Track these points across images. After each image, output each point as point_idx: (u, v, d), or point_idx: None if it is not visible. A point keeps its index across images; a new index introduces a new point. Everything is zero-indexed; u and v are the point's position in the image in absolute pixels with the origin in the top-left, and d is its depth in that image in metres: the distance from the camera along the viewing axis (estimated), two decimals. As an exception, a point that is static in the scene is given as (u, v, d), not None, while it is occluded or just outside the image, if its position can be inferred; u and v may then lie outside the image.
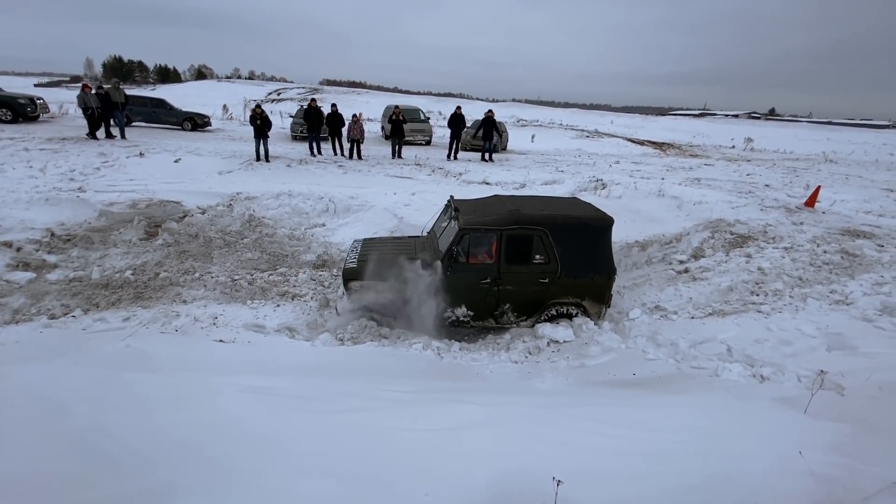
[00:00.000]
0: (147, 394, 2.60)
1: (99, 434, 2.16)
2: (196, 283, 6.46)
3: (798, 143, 31.93)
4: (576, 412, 2.83)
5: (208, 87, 47.84)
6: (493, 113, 15.04)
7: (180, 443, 2.17)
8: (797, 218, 8.18)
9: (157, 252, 7.39)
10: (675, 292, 6.34)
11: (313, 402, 2.76)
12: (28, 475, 1.84)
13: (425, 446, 2.32)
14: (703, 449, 2.39)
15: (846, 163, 20.51)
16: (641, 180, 11.44)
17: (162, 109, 17.92)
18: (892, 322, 4.56)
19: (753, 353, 4.24)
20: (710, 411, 2.90)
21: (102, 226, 8.05)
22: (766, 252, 6.93)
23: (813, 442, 2.43)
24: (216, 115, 22.26)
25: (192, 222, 8.31)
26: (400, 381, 3.62)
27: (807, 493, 2.02)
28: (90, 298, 5.93)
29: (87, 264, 6.93)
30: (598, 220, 5.42)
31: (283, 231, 8.52)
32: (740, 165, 16.95)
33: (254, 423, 2.41)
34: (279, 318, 5.49)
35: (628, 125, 41.59)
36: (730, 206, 8.70)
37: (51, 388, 2.51)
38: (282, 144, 15.62)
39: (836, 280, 5.97)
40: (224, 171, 11.11)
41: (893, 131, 56.47)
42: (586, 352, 4.80)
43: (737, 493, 2.02)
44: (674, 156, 20.73)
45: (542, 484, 1.97)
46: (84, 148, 11.76)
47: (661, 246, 7.87)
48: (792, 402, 3.08)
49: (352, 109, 15.26)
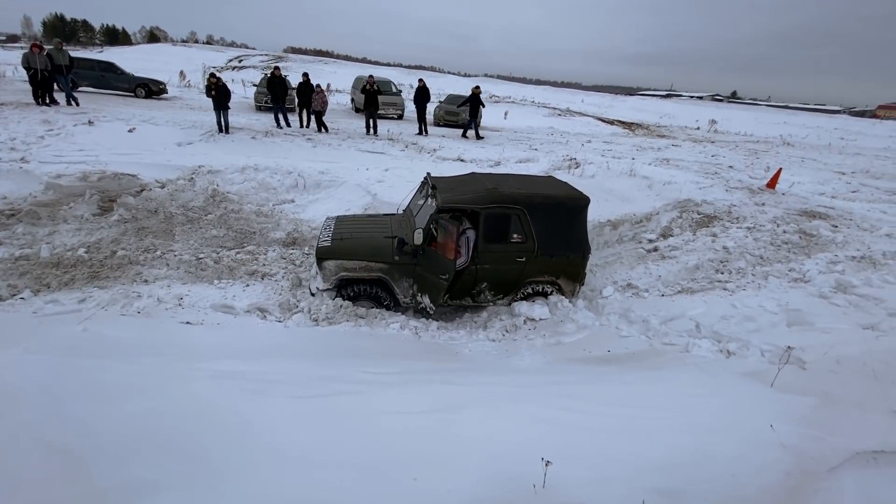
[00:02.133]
0: (110, 382, 2.43)
1: (59, 428, 2.00)
2: (157, 261, 6.12)
3: (758, 125, 33.08)
4: (558, 391, 2.87)
5: (162, 50, 44.58)
6: (480, 89, 14.54)
7: (152, 434, 2.04)
8: (759, 199, 8.49)
9: (112, 228, 6.94)
10: (646, 270, 6.50)
11: (293, 387, 2.66)
12: (-20, 475, 1.68)
13: (412, 430, 2.29)
14: (681, 424, 2.46)
15: (802, 146, 21.45)
16: (613, 160, 11.57)
17: (112, 74, 16.60)
18: (845, 299, 4.82)
19: (720, 330, 4.41)
20: (684, 387, 3.00)
21: (50, 200, 7.47)
22: (730, 232, 7.18)
23: (781, 415, 2.55)
24: (172, 81, 20.86)
25: (151, 197, 7.83)
26: (380, 362, 3.57)
27: (779, 464, 2.12)
28: (40, 278, 5.52)
29: (35, 241, 6.44)
30: (575, 199, 5.44)
31: (249, 207, 8.17)
32: (705, 147, 17.42)
33: (232, 411, 2.30)
34: (249, 299, 5.29)
35: (598, 104, 41.92)
36: (697, 187, 8.93)
37: (1, 379, 2.31)
38: (245, 115, 14.86)
39: (794, 259, 6.26)
40: (183, 142, 10.49)
41: (844, 117, 59.41)
42: (562, 329, 4.88)
43: (714, 465, 2.10)
44: (642, 136, 21.08)
45: (530, 464, 1.98)
46: (26, 114, 10.80)
47: (631, 225, 8.03)
48: (758, 377, 3.23)
49: (319, 79, 14.53)
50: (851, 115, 72.09)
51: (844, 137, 28.21)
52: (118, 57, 29.03)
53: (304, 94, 12.99)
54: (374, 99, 13.25)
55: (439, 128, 16.95)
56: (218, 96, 11.09)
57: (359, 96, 15.92)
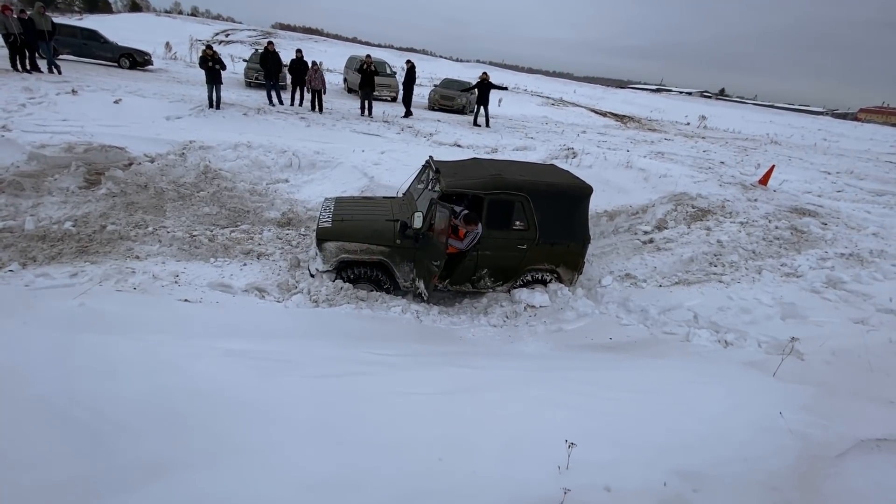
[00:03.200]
0: (117, 358, 2.36)
1: (71, 403, 1.94)
2: (149, 237, 5.95)
3: (745, 123, 33.55)
4: (568, 375, 2.89)
5: (146, 20, 42.83)
6: (489, 75, 14.10)
7: (166, 412, 1.99)
8: (752, 195, 8.63)
9: (100, 202, 6.71)
10: (641, 261, 6.58)
11: (304, 367, 2.63)
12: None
13: (428, 411, 2.28)
14: (691, 409, 2.51)
15: (788, 145, 21.86)
16: (609, 151, 11.62)
17: (95, 42, 15.91)
18: (836, 294, 4.97)
19: (718, 320, 4.51)
20: (689, 374, 3.06)
21: (33, 170, 7.17)
22: (724, 226, 7.30)
23: (786, 402, 2.62)
24: (158, 53, 20.11)
25: (141, 171, 7.59)
26: (384, 344, 3.55)
27: (788, 450, 2.18)
28: (25, 251, 5.33)
29: (18, 213, 6.20)
30: (578, 188, 5.44)
31: (243, 185, 7.98)
32: (696, 142, 17.62)
33: (244, 390, 2.25)
34: (247, 278, 5.19)
35: (590, 95, 41.95)
36: (692, 181, 9.03)
37: (1, 352, 2.22)
38: (235, 91, 14.45)
39: (785, 254, 6.41)
40: (172, 116, 10.15)
41: (827, 118, 60.59)
42: (562, 316, 4.92)
43: (728, 449, 2.15)
44: (634, 129, 21.19)
45: (552, 447, 1.99)
46: (5, 81, 10.32)
47: (627, 216, 8.09)
48: (759, 366, 3.31)
49: (310, 57, 14.14)
50: (833, 116, 73.64)
51: (827, 139, 28.80)
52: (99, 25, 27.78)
53: (297, 71, 12.65)
54: (370, 79, 12.89)
55: (434, 112, 16.76)
56: (213, 69, 10.74)
57: (353, 76, 15.57)
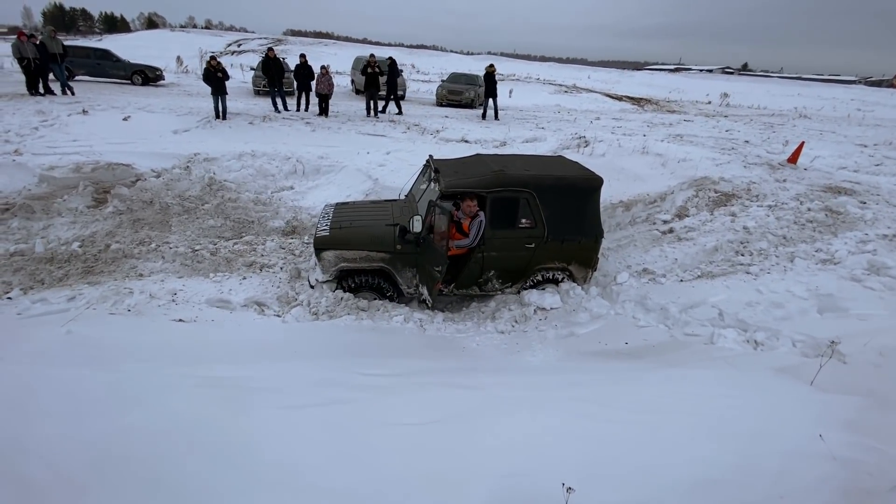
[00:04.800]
0: (84, 395, 2.22)
1: (21, 453, 1.79)
2: (153, 254, 5.91)
3: (771, 98, 32.02)
4: (575, 394, 2.62)
5: (161, 37, 43.90)
6: (495, 67, 13.84)
7: (123, 459, 1.82)
8: (780, 175, 8.07)
9: (107, 221, 6.72)
10: (661, 253, 6.18)
11: (284, 395, 2.44)
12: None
13: (414, 445, 2.05)
14: (715, 432, 2.21)
15: (818, 118, 20.66)
16: (624, 137, 11.12)
17: (108, 61, 16.24)
18: (880, 282, 4.50)
19: (746, 318, 4.12)
20: (713, 387, 2.73)
21: (44, 193, 7.26)
22: (750, 210, 6.81)
23: (826, 419, 2.28)
24: (169, 68, 20.45)
25: (146, 187, 7.59)
26: (381, 361, 3.33)
27: (832, 481, 1.86)
28: (34, 274, 5.34)
29: (30, 236, 6.25)
30: (586, 180, 5.11)
31: (247, 195, 7.91)
32: (719, 121, 16.79)
33: (213, 427, 2.07)
34: (246, 292, 5.06)
35: (605, 80, 40.80)
36: (714, 164, 8.51)
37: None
38: (243, 100, 14.49)
39: (820, 238, 5.90)
40: (180, 129, 10.20)
41: (860, 87, 57.43)
42: (575, 319, 4.61)
43: (759, 484, 1.85)
44: (652, 111, 20.41)
45: (549, 487, 1.73)
46: (20, 105, 10.55)
47: (644, 205, 7.67)
48: (794, 372, 2.95)
49: (319, 61, 14.06)
50: (867, 84, 69.73)
51: (862, 108, 27.18)
52: (117, 44, 28.59)
53: (302, 76, 12.56)
54: (374, 80, 12.71)
55: (442, 108, 16.48)
56: (217, 81, 10.75)
57: (359, 77, 15.42)
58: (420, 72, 32.47)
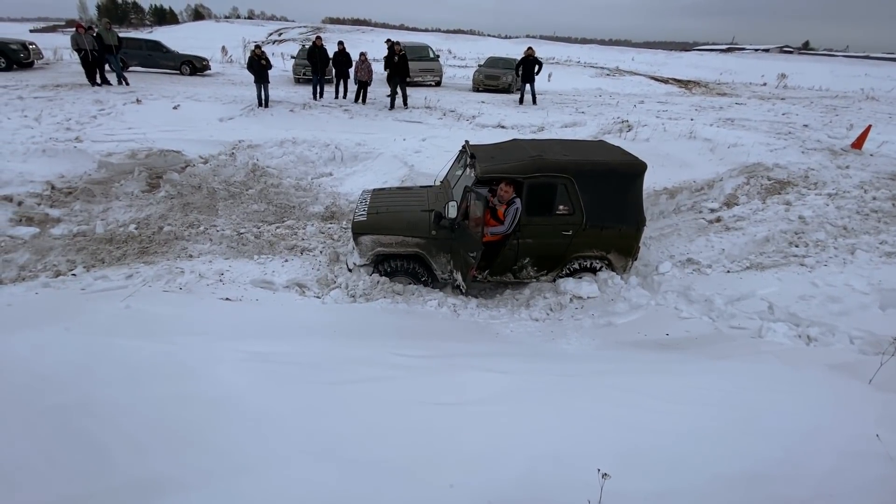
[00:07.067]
0: (142, 364, 2.38)
1: (86, 414, 1.95)
2: (201, 236, 6.21)
3: (834, 79, 29.65)
4: (612, 382, 2.57)
5: (207, 27, 45.52)
6: (534, 50, 13.50)
7: (176, 423, 1.96)
8: (842, 161, 7.51)
9: (160, 205, 7.11)
10: (707, 243, 5.92)
11: (321, 372, 2.53)
12: (3, 464, 1.63)
13: (446, 424, 2.09)
14: (760, 427, 2.12)
15: (888, 100, 18.99)
16: (669, 121, 10.64)
17: (158, 53, 16.99)
18: (953, 277, 4.14)
19: (798, 312, 3.90)
20: (759, 381, 2.62)
21: (103, 178, 7.74)
22: (807, 199, 6.40)
23: (886, 419, 2.14)
24: (215, 57, 21.16)
25: (195, 173, 7.95)
26: (416, 343, 3.39)
27: (888, 482, 1.75)
28: (95, 254, 5.73)
29: (91, 218, 6.69)
30: (628, 165, 4.93)
31: (288, 181, 8.15)
32: (774, 104, 15.76)
33: (258, 398, 2.18)
34: (288, 274, 5.25)
35: (650, 62, 38.99)
36: (768, 149, 8.02)
37: (38, 360, 2.30)
38: (284, 88, 14.83)
39: (886, 230, 5.49)
40: (225, 117, 10.58)
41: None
42: (613, 309, 4.51)
43: (808, 482, 1.77)
44: (701, 94, 19.38)
45: (581, 471, 1.72)
46: (80, 95, 11.23)
47: (690, 193, 7.35)
48: (851, 370, 2.78)
49: (357, 49, 14.17)
50: (947, 63, 63.17)
51: (940, 89, 24.74)
52: (168, 36, 29.83)
53: (340, 63, 12.69)
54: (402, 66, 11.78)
55: (479, 93, 16.27)
56: (260, 69, 11.05)
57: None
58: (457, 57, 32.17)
